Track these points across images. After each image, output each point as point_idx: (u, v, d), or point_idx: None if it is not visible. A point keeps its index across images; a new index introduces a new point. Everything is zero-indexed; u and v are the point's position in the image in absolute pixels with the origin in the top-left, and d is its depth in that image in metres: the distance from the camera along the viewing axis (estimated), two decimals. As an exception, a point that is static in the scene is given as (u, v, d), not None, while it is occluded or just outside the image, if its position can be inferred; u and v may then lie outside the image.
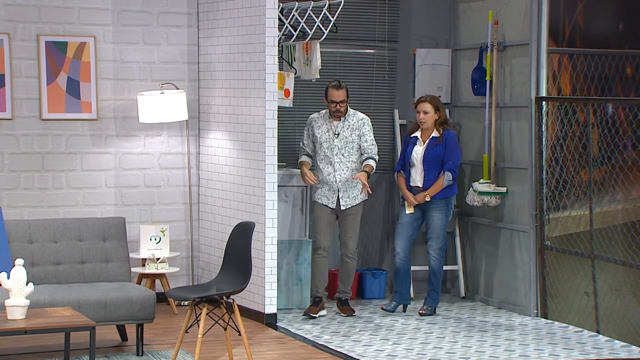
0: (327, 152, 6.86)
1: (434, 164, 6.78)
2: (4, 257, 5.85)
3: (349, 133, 6.86)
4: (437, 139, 6.78)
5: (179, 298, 5.69)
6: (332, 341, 6.25)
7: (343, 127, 6.87)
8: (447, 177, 6.76)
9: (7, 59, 6.87)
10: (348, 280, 7.04)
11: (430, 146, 6.79)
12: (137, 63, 7.28)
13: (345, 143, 6.85)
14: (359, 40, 7.77)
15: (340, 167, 6.86)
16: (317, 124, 6.94)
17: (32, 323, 4.98)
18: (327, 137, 6.87)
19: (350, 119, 6.89)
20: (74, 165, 7.16)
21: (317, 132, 6.92)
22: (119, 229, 6.26)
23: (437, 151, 6.77)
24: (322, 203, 6.93)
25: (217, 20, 7.20)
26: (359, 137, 6.86)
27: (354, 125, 6.87)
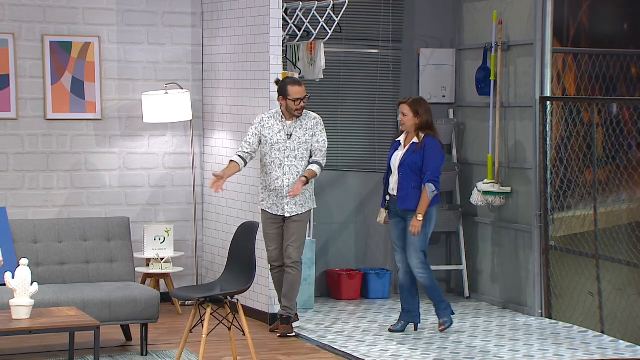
0: (277, 154, 6.25)
1: (409, 171, 6.24)
2: (8, 257, 5.86)
3: (302, 134, 6.29)
4: (416, 145, 6.28)
5: (183, 298, 5.70)
6: (337, 341, 6.25)
7: (296, 128, 6.29)
8: (429, 189, 6.19)
9: (12, 59, 6.89)
10: (292, 295, 6.31)
11: (408, 152, 6.28)
12: (141, 63, 7.28)
13: (298, 144, 6.27)
14: (363, 40, 7.77)
15: (290, 170, 6.25)
16: (267, 123, 6.31)
17: (36, 323, 4.99)
18: (279, 138, 6.26)
19: (304, 119, 6.33)
20: (79, 165, 7.16)
21: (267, 133, 6.29)
22: (123, 229, 6.26)
23: (413, 158, 6.24)
24: (270, 212, 6.30)
25: (221, 21, 7.20)
26: (312, 137, 6.31)
27: (307, 126, 6.31)
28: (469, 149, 7.85)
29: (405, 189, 6.27)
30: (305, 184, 6.16)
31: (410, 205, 6.25)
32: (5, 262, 5.83)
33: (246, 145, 6.29)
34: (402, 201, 6.29)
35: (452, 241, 7.99)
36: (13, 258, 5.84)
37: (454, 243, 7.98)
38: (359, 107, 7.85)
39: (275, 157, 6.27)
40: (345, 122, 7.81)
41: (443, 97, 7.94)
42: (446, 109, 7.98)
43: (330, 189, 7.77)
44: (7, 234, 5.88)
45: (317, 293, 7.55)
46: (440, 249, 8.01)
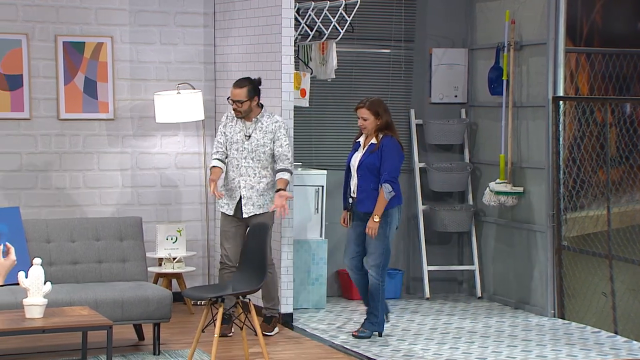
0: (235, 154, 6.19)
1: (367, 173, 6.09)
2: (22, 257, 5.88)
3: (261, 136, 6.16)
4: (374, 146, 6.11)
5: (196, 297, 5.71)
6: (348, 341, 6.25)
7: (256, 129, 6.17)
8: (386, 189, 6.01)
9: (26, 59, 6.91)
10: (269, 295, 6.32)
11: (366, 153, 6.12)
12: (153, 63, 7.30)
13: (255, 146, 6.16)
14: (375, 39, 7.76)
15: (247, 172, 6.18)
16: (230, 122, 6.25)
17: (50, 322, 5.00)
18: (238, 138, 6.20)
19: (264, 120, 6.19)
20: (91, 165, 7.18)
21: (228, 132, 6.24)
22: (135, 229, 6.27)
23: (372, 159, 6.08)
24: (224, 212, 6.27)
25: (233, 20, 7.20)
26: (272, 141, 6.18)
27: (267, 128, 6.18)
28: (481, 149, 7.83)
29: (365, 191, 6.11)
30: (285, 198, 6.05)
31: (370, 207, 6.08)
32: (18, 261, 5.84)
33: (218, 146, 6.29)
34: (361, 203, 6.14)
35: (464, 241, 7.98)
36: (26, 257, 5.86)
37: (465, 243, 7.96)
38: (371, 107, 7.83)
39: (233, 157, 6.21)
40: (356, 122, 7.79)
41: (455, 96, 7.92)
42: (458, 108, 7.97)
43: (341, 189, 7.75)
44: (20, 234, 5.90)
45: (329, 293, 7.55)
46: (452, 249, 8.00)
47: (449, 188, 7.82)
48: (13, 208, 5.93)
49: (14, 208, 5.93)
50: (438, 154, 7.92)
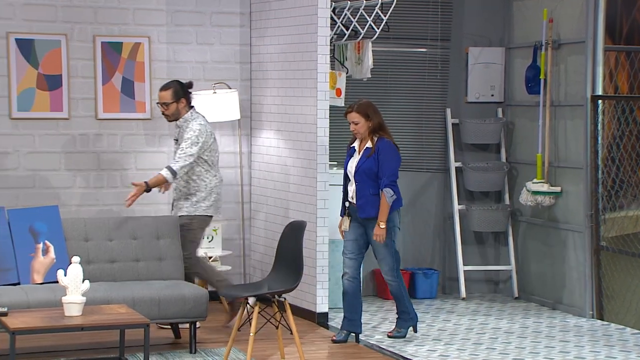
0: (172, 156, 6.32)
1: (366, 178, 5.97)
2: (61, 255, 5.95)
3: (180, 141, 6.22)
4: (370, 150, 5.99)
5: (232, 296, 5.72)
6: (384, 341, 6.23)
7: (181, 133, 6.24)
8: (388, 194, 5.92)
9: (65, 60, 6.98)
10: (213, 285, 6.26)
11: (363, 158, 6.01)
12: (190, 63, 7.33)
13: (177, 151, 6.22)
14: (411, 39, 7.73)
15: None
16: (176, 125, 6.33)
17: (88, 320, 5.05)
18: (172, 142, 6.38)
19: (185, 125, 6.20)
20: (128, 164, 7.24)
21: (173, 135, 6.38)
22: (172, 228, 6.30)
23: (368, 164, 5.97)
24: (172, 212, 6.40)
25: (269, 20, 7.22)
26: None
27: (183, 132, 6.20)
28: (517, 148, 7.78)
29: (364, 197, 6.00)
30: (147, 190, 6.01)
31: (370, 212, 5.99)
32: (57, 259, 5.91)
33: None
34: (361, 209, 6.02)
35: (501, 241, 7.92)
36: (65, 256, 5.92)
37: (502, 243, 7.90)
38: (407, 107, 7.82)
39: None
40: (392, 122, 7.77)
41: (492, 96, 7.87)
42: (495, 108, 7.92)
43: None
44: (59, 232, 5.97)
45: (364, 293, 7.52)
46: (489, 249, 7.95)
47: (485, 188, 7.77)
48: (52, 207, 6.00)
49: (53, 207, 6.00)
50: (474, 154, 7.87)
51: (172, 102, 6.19)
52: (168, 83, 6.29)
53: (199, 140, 6.13)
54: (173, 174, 6.08)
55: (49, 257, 5.86)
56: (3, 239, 5.81)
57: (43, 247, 5.87)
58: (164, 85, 6.29)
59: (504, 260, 7.85)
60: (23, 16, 6.88)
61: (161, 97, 6.23)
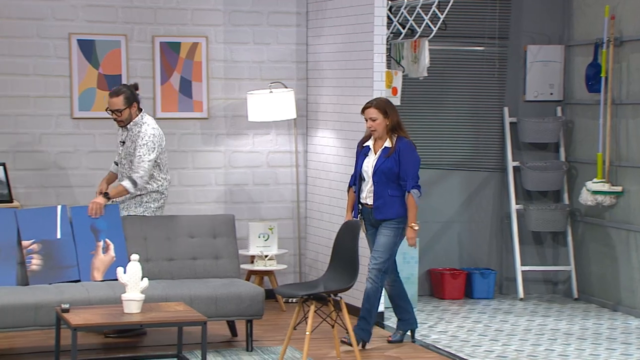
0: (117, 159, 6.24)
1: (385, 179, 5.76)
2: (120, 253, 6.03)
3: (130, 144, 6.05)
4: (389, 149, 5.77)
5: (287, 295, 5.74)
6: (440, 341, 6.20)
7: (128, 136, 6.06)
8: (416, 195, 5.74)
9: (124, 60, 7.08)
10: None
11: (381, 158, 5.77)
12: (247, 62, 7.38)
13: (126, 154, 6.07)
14: (469, 37, 7.67)
15: (123, 177, 6.10)
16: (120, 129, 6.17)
17: (147, 317, 5.10)
18: (118, 144, 6.18)
19: (135, 128, 6.03)
20: (186, 163, 7.31)
21: (118, 138, 6.22)
22: (228, 227, 6.35)
23: (388, 164, 5.75)
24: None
25: (325, 19, 7.23)
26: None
27: (135, 137, 6.03)
28: (577, 147, 7.66)
29: (382, 197, 5.78)
30: (107, 201, 5.94)
31: (388, 214, 5.78)
32: (117, 257, 6.00)
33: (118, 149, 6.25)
34: (379, 211, 5.81)
35: (559, 241, 7.82)
36: (124, 253, 6.01)
37: (561, 243, 7.80)
38: (463, 105, 7.76)
39: (119, 163, 6.20)
40: (449, 121, 7.74)
41: (551, 94, 7.77)
42: (554, 106, 7.81)
43: (434, 188, 7.71)
44: (119, 230, 6.05)
45: (420, 292, 7.51)
46: (547, 249, 7.85)
47: (543, 187, 7.68)
48: (113, 205, 6.08)
49: (114, 205, 6.09)
50: (532, 153, 7.78)
51: (124, 108, 5.98)
52: (118, 89, 6.02)
53: (154, 146, 5.99)
54: (134, 184, 5.97)
55: (109, 255, 5.95)
56: (65, 236, 5.91)
57: (103, 245, 5.96)
58: (114, 91, 6.02)
59: (563, 260, 7.74)
60: (85, 17, 7.00)
61: (113, 104, 5.97)
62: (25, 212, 5.97)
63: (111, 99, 5.99)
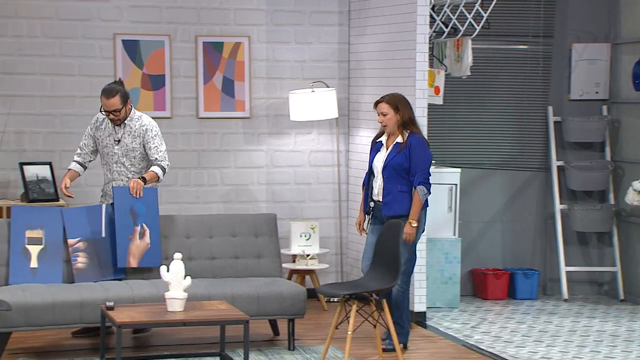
0: (107, 158, 6.02)
1: (395, 174, 5.68)
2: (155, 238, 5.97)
3: (130, 140, 5.96)
4: (400, 145, 5.70)
5: (329, 294, 5.73)
6: (483, 341, 6.15)
7: (124, 134, 5.96)
8: (421, 191, 5.63)
9: (168, 60, 7.13)
10: None
11: (392, 153, 5.71)
12: (289, 62, 7.39)
13: (126, 151, 5.97)
14: (512, 36, 7.61)
15: (120, 176, 6.00)
16: (101, 125, 6.02)
17: (190, 315, 5.14)
18: (108, 142, 5.99)
19: (133, 124, 5.97)
20: (228, 163, 7.34)
21: (99, 135, 6.03)
22: (270, 226, 6.36)
23: (399, 159, 5.68)
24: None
25: (368, 19, 7.21)
26: (142, 145, 5.98)
27: (136, 132, 5.96)
28: (624, 147, 7.55)
29: (391, 193, 5.69)
30: (143, 183, 5.90)
31: (398, 210, 5.69)
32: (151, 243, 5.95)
33: (83, 148, 6.08)
34: (388, 207, 5.72)
35: (604, 242, 7.71)
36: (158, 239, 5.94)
37: (606, 243, 7.70)
38: (507, 105, 7.70)
39: (105, 162, 6.06)
40: (492, 120, 7.68)
41: (596, 93, 7.67)
42: (599, 105, 7.72)
43: (476, 187, 7.66)
44: (155, 215, 5.95)
45: (462, 292, 7.46)
46: (592, 250, 7.75)
47: (588, 187, 7.60)
48: (152, 189, 6.00)
49: (152, 189, 6.01)
50: (577, 152, 7.70)
51: (121, 107, 5.91)
52: (111, 88, 5.91)
53: (161, 134, 6.05)
54: (163, 171, 6.00)
55: (145, 241, 5.96)
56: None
57: (140, 230, 5.96)
58: (108, 91, 5.88)
59: (608, 261, 7.64)
60: (129, 18, 7.07)
61: (111, 105, 5.86)
62: (71, 210, 6.03)
63: (108, 100, 5.87)
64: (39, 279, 5.77)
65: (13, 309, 5.33)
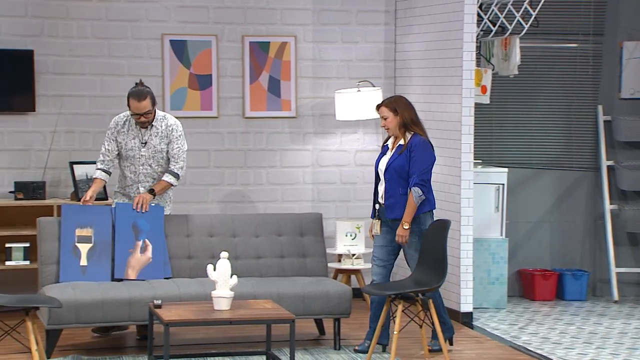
0: (131, 161, 5.92)
1: (396, 176, 5.62)
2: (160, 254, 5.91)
3: (158, 142, 5.91)
4: (402, 147, 5.66)
5: (375, 294, 5.72)
6: (531, 343, 6.09)
7: (151, 135, 5.89)
8: (415, 193, 5.54)
9: (214, 60, 7.18)
10: None
11: (394, 155, 5.67)
12: (335, 61, 7.39)
13: (153, 152, 5.91)
14: (561, 34, 7.52)
15: (146, 178, 5.95)
16: (123, 129, 5.93)
17: (236, 314, 5.16)
18: (133, 145, 5.91)
19: (159, 125, 5.91)
20: (274, 162, 7.37)
21: (121, 139, 5.93)
22: (316, 225, 6.36)
23: (400, 161, 5.62)
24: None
25: (414, 18, 7.18)
26: (168, 145, 5.92)
27: (163, 133, 5.90)
28: (676, 147, 7.43)
29: (393, 196, 5.64)
30: (153, 197, 5.88)
31: (399, 213, 5.61)
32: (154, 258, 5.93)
33: (105, 154, 5.97)
34: (390, 210, 5.66)
35: (656, 243, 7.61)
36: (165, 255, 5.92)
37: (658, 245, 7.59)
38: (555, 104, 7.62)
39: (130, 164, 5.95)
40: (540, 119, 7.61)
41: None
42: (650, 104, 7.61)
43: (524, 187, 7.59)
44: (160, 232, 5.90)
45: (510, 293, 7.40)
46: (637, 251, 7.63)
47: (639, 187, 7.48)
48: (159, 207, 5.97)
49: (159, 207, 5.96)
50: (628, 152, 7.59)
51: (152, 108, 5.84)
52: (141, 91, 5.83)
53: (184, 134, 6.00)
54: (176, 177, 5.94)
55: (146, 255, 5.97)
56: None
57: (142, 245, 5.98)
58: (139, 94, 5.80)
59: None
60: (177, 18, 7.13)
61: (143, 107, 5.78)
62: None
63: (140, 103, 5.79)
64: (88, 276, 5.84)
65: (63, 306, 5.41)
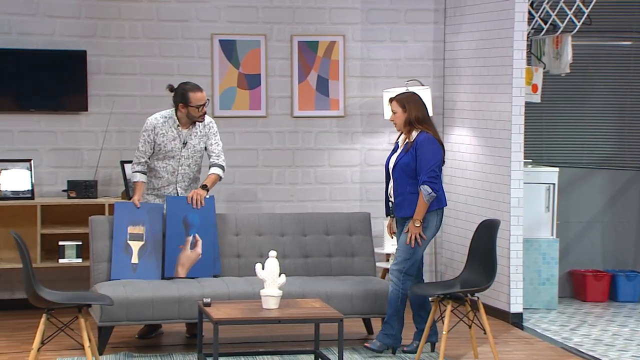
0: (170, 162, 5.93)
1: (403, 174, 5.58)
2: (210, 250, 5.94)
3: (197, 141, 5.96)
4: (409, 144, 5.62)
5: (423, 294, 5.69)
6: (583, 344, 6.01)
7: (191, 135, 5.94)
8: (425, 191, 5.47)
9: (263, 59, 7.21)
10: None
11: (401, 153, 5.63)
12: (383, 60, 7.37)
13: (192, 152, 5.95)
14: (615, 32, 7.41)
15: (183, 179, 5.99)
16: (161, 130, 5.92)
17: (284, 313, 5.18)
18: (173, 146, 5.92)
19: (198, 125, 5.97)
20: (322, 161, 7.37)
21: (160, 140, 5.92)
22: (364, 224, 6.36)
23: (406, 159, 5.58)
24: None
25: (464, 16, 7.13)
26: (206, 142, 5.98)
27: (202, 132, 5.97)
28: None
29: (402, 195, 5.60)
30: (206, 193, 5.91)
31: (408, 211, 5.57)
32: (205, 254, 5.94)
33: (141, 156, 5.97)
34: (399, 208, 5.64)
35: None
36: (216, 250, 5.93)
37: None
38: (608, 103, 7.51)
39: (167, 164, 5.95)
40: (592, 118, 7.50)
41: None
42: None
43: (576, 187, 7.49)
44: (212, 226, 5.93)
45: (561, 294, 7.32)
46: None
47: (694, 187, 7.34)
48: (209, 198, 6.00)
49: (209, 198, 6.00)
50: (682, 151, 7.45)
51: (207, 100, 5.98)
52: (195, 84, 5.93)
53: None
54: (223, 169, 6.02)
55: (196, 251, 5.99)
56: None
57: (192, 240, 6.00)
58: (198, 86, 5.91)
59: None
60: (226, 18, 7.17)
61: (203, 98, 5.90)
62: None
63: (202, 93, 5.90)
64: (139, 274, 5.90)
65: (115, 303, 5.48)
